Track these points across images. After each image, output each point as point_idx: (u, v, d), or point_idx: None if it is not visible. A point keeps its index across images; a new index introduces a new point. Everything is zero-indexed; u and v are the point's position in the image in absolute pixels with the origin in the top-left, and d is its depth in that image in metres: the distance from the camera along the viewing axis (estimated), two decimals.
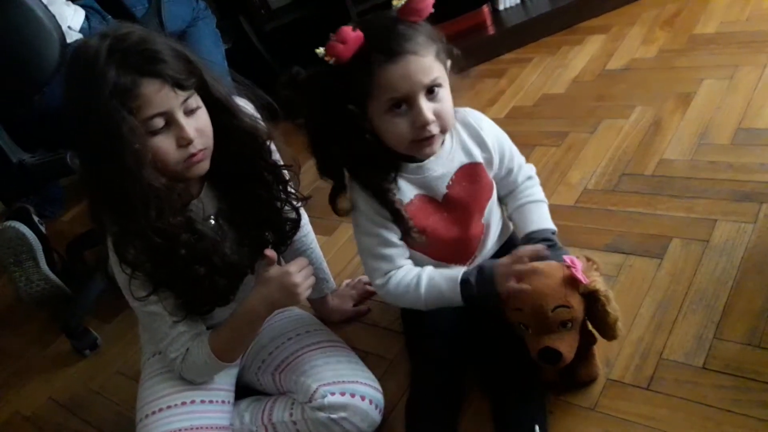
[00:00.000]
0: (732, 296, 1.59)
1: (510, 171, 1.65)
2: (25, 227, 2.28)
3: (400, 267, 1.55)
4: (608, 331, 1.44)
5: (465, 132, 1.56)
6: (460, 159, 1.54)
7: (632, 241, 1.84)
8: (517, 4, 3.30)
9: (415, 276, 1.52)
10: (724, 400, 1.39)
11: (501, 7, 3.29)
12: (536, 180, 1.69)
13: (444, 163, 1.52)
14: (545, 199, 1.67)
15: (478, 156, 1.56)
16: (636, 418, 1.42)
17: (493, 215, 1.64)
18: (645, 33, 2.84)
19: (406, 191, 1.52)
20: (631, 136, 2.26)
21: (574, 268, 1.39)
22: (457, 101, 1.48)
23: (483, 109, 2.68)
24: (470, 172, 1.55)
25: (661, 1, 3.01)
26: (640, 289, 1.70)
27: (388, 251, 1.54)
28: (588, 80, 2.70)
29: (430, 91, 1.39)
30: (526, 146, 2.34)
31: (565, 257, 1.42)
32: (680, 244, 1.78)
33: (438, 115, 1.40)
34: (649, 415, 1.42)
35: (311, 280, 1.51)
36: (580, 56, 2.88)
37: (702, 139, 2.11)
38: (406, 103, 1.38)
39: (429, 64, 1.38)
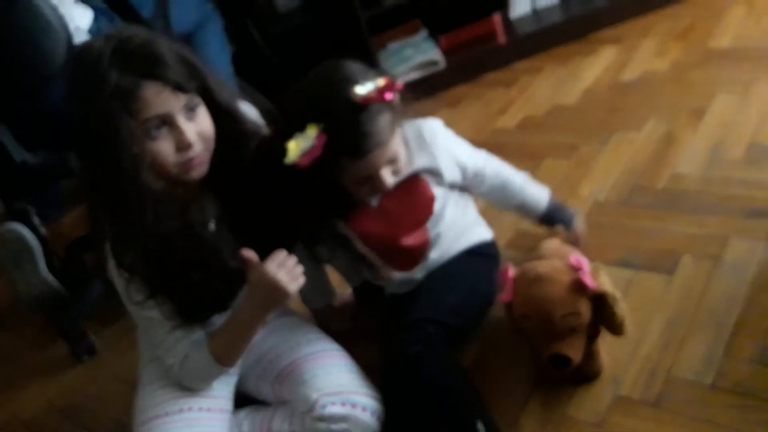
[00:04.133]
0: (742, 314, 1.58)
1: (480, 175, 1.70)
2: (25, 229, 2.26)
3: None
4: (615, 330, 1.45)
5: (416, 143, 1.58)
6: (405, 171, 1.56)
7: (642, 256, 1.82)
8: (529, 14, 3.28)
9: None
10: (733, 419, 1.37)
11: (513, 15, 3.27)
12: (497, 162, 1.74)
13: None
14: (523, 176, 1.76)
15: (421, 164, 1.58)
16: None
17: (443, 231, 1.65)
18: (658, 45, 2.83)
19: None
20: (643, 149, 2.24)
21: (582, 271, 1.37)
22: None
23: (492, 118, 2.72)
24: (408, 185, 1.57)
25: (675, 13, 3.00)
26: (649, 305, 1.68)
27: None
28: (600, 92, 2.69)
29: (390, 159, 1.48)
30: (535, 158, 2.36)
31: (572, 258, 1.41)
32: (691, 260, 1.76)
33: (396, 174, 1.51)
34: None
35: (297, 269, 1.46)
36: (593, 67, 2.86)
37: (715, 153, 2.09)
38: (370, 177, 1.48)
39: (392, 147, 1.46)
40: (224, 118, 1.43)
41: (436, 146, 1.60)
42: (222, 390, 1.59)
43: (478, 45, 3.17)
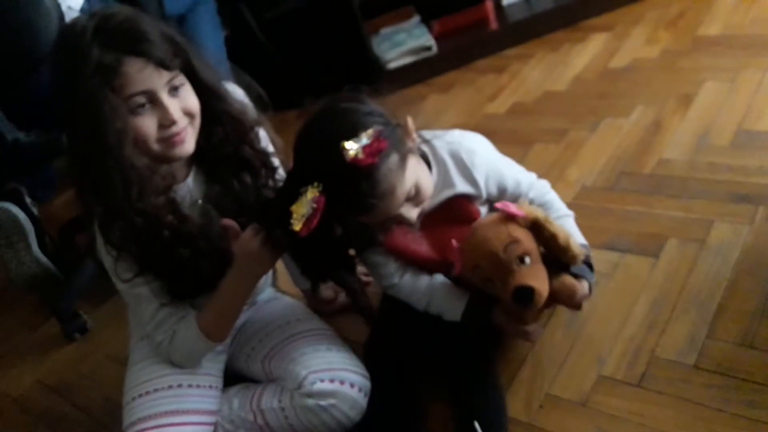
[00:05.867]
0: (726, 297, 1.59)
1: (519, 197, 1.59)
2: (18, 209, 2.26)
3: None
4: (565, 255, 1.42)
5: (454, 166, 1.53)
6: (444, 194, 1.53)
7: (629, 240, 1.84)
8: (520, 0, 3.28)
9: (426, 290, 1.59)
10: (715, 399, 1.39)
11: (505, 2, 3.28)
12: (554, 195, 1.66)
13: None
14: (570, 213, 1.63)
15: (462, 189, 1.53)
16: (626, 415, 1.43)
17: None
18: (648, 33, 2.83)
19: None
20: (631, 135, 2.25)
21: (506, 205, 1.41)
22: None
23: (483, 104, 2.72)
24: (450, 207, 1.54)
25: (665, 1, 3.00)
26: (634, 287, 1.70)
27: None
28: (590, 78, 2.69)
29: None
30: (524, 143, 2.36)
31: (497, 204, 1.44)
32: (676, 244, 1.77)
33: (419, 205, 1.45)
34: (640, 411, 1.42)
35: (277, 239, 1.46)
36: (583, 54, 2.87)
37: (702, 140, 2.10)
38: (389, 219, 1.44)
39: (406, 186, 1.39)
40: (209, 97, 1.43)
41: (476, 169, 1.52)
42: (211, 367, 1.61)
43: (470, 31, 3.18)
